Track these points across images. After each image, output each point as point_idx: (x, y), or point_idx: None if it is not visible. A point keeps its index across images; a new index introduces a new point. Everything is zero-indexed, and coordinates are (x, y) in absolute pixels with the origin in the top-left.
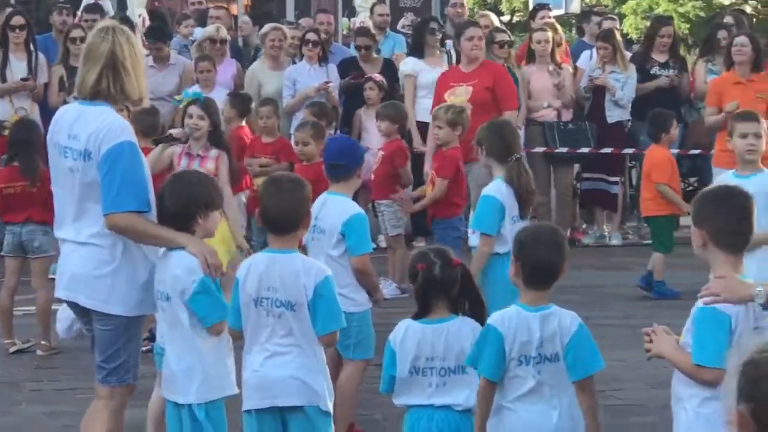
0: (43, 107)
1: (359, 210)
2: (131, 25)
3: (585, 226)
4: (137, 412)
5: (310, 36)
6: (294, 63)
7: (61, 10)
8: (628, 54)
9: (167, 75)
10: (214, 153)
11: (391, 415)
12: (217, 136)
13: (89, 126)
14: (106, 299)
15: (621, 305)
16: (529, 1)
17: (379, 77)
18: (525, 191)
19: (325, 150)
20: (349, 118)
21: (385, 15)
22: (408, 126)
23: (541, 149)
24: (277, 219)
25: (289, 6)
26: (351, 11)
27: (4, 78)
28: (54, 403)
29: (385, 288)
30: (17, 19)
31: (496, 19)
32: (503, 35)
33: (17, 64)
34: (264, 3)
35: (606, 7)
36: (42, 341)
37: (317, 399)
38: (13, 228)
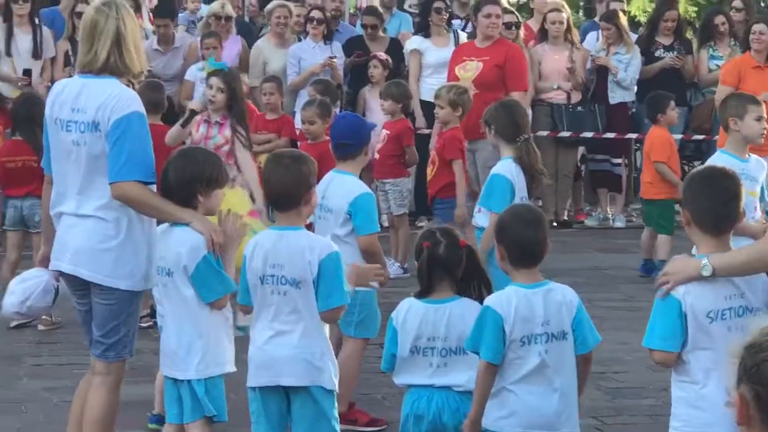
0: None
1: (366, 189)
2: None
3: (589, 207)
4: (138, 388)
5: (315, 14)
6: (299, 41)
7: None
8: (634, 36)
9: (171, 58)
10: (230, 121)
11: (391, 394)
12: (236, 108)
13: (97, 98)
14: (111, 273)
15: (623, 287)
16: None
17: (383, 56)
18: (534, 171)
19: (332, 128)
20: (354, 97)
21: None
22: (412, 105)
23: (544, 133)
24: (279, 195)
25: None
26: None
27: (8, 52)
28: (54, 378)
29: (390, 267)
30: None
31: (503, 0)
32: (511, 16)
33: (22, 37)
34: None
35: None
36: (43, 316)
37: (321, 378)
38: (15, 202)
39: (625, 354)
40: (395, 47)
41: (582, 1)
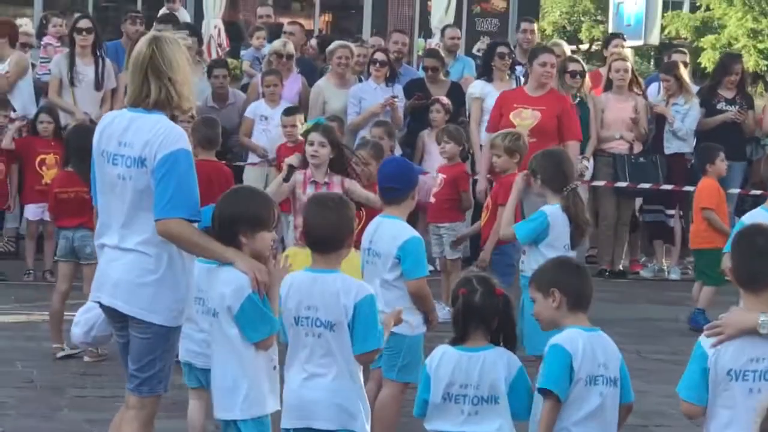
0: None
1: (415, 233)
2: (196, 34)
3: (644, 259)
4: (170, 423)
5: (378, 56)
6: (360, 81)
7: (135, 19)
8: (695, 87)
9: (227, 114)
10: (337, 179)
11: None
12: (338, 162)
13: (145, 133)
14: (148, 307)
15: (673, 340)
16: (609, 31)
17: (445, 100)
18: (579, 221)
19: (380, 172)
20: (412, 140)
21: (456, 38)
22: (471, 149)
23: (601, 182)
24: (321, 238)
25: (366, 23)
26: (427, 32)
27: (73, 82)
28: (96, 410)
29: (438, 311)
30: (84, 23)
31: (568, 48)
32: (576, 65)
33: (84, 68)
34: (343, 19)
35: (685, 39)
36: (102, 345)
37: (353, 423)
38: (67, 233)
39: (668, 408)
40: (456, 91)
41: (652, 52)
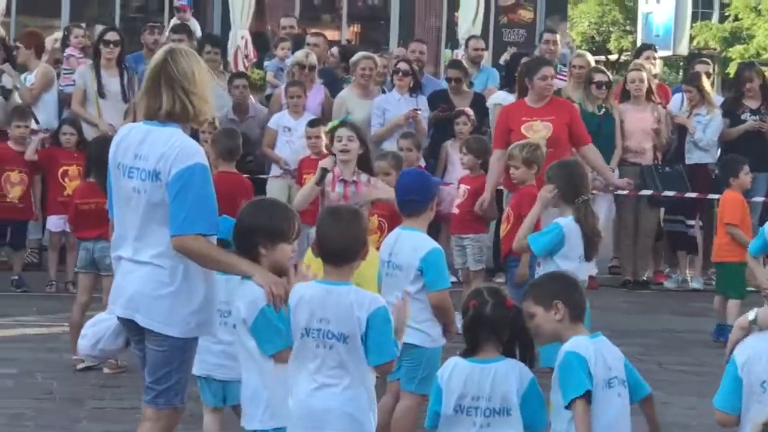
0: None
1: (436, 245)
2: (218, 45)
3: (668, 269)
4: None
5: (401, 66)
6: (383, 92)
7: (153, 30)
8: (719, 98)
9: (247, 126)
10: (365, 178)
11: None
12: (365, 160)
13: (159, 147)
14: (164, 320)
15: (696, 352)
16: (638, 41)
17: (470, 112)
18: (592, 233)
19: (398, 184)
20: (435, 150)
21: (480, 49)
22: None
23: (624, 192)
24: (335, 250)
25: (393, 34)
26: (454, 43)
27: (101, 93)
28: (115, 422)
29: (458, 322)
30: (112, 35)
31: (592, 59)
32: (602, 75)
33: (110, 80)
34: (371, 30)
35: (714, 50)
36: (110, 359)
37: None
38: (87, 244)
39: (691, 419)
40: (479, 102)
41: (681, 62)
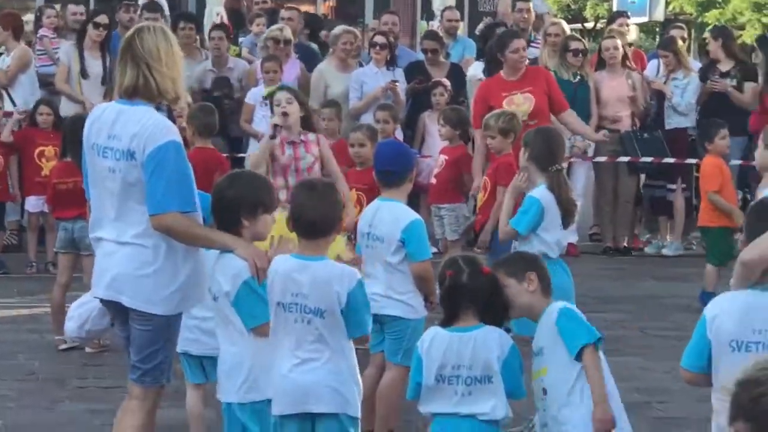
0: None
1: (416, 215)
2: (193, 20)
3: (649, 235)
4: (172, 412)
5: (378, 39)
6: (360, 66)
7: (128, 8)
8: (696, 64)
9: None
10: (312, 137)
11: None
12: (308, 121)
13: (132, 126)
14: (148, 299)
15: (676, 316)
16: (613, 9)
17: (447, 83)
18: (567, 202)
19: (376, 156)
20: (412, 122)
21: (454, 20)
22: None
23: (603, 158)
24: (311, 223)
25: (368, 7)
26: (429, 14)
27: (85, 75)
28: (97, 401)
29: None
30: (103, 18)
31: (567, 27)
32: (578, 43)
33: (92, 62)
34: (347, 4)
35: (690, 15)
36: (97, 339)
37: (348, 406)
38: (66, 224)
39: (671, 383)
40: (456, 73)
41: (657, 28)
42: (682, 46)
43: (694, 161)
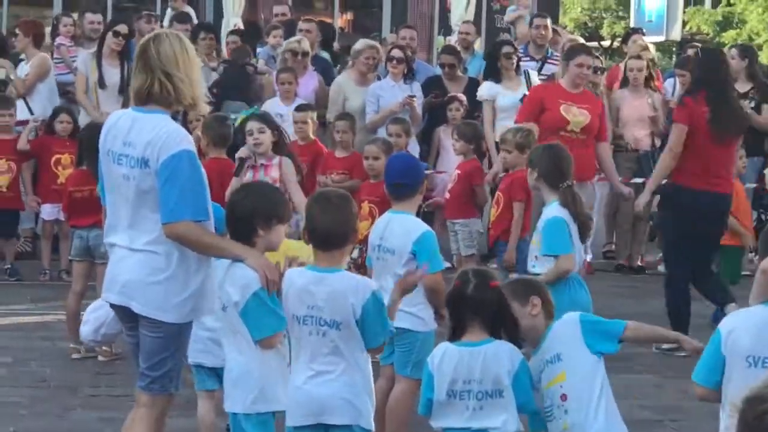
0: None
1: (427, 228)
2: (212, 30)
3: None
4: (182, 422)
5: (395, 53)
6: (379, 79)
7: (150, 18)
8: None
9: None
10: (276, 160)
11: None
12: (279, 145)
13: (146, 134)
14: (160, 306)
15: (691, 335)
16: (631, 26)
17: (462, 97)
18: (582, 216)
19: (387, 169)
20: (429, 137)
21: (469, 33)
22: (485, 148)
23: (619, 178)
24: (326, 235)
25: (385, 21)
26: (446, 30)
27: (102, 84)
28: (109, 409)
29: None
30: (123, 27)
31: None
32: (596, 60)
33: (110, 70)
34: (364, 17)
35: (706, 35)
36: (104, 347)
37: (361, 419)
38: (81, 232)
39: (684, 402)
40: (473, 87)
41: (674, 47)
42: None
43: None
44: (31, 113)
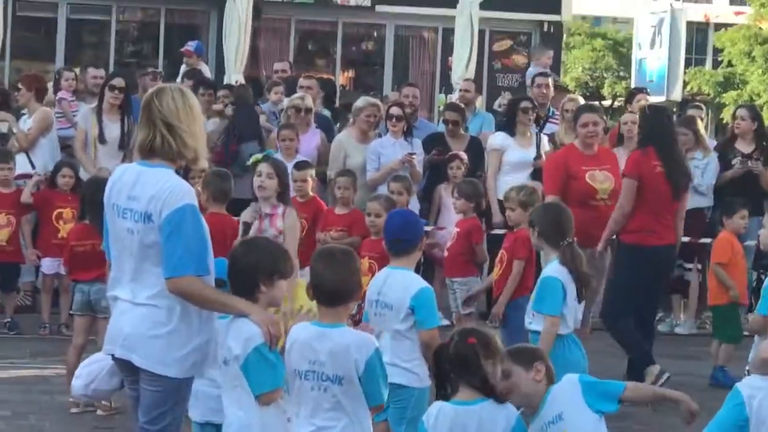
0: None
1: (425, 284)
2: (211, 87)
3: (662, 314)
4: None
5: (394, 111)
6: (379, 137)
7: (155, 75)
8: (712, 142)
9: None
10: (281, 210)
11: None
12: (285, 196)
13: (150, 188)
14: (160, 360)
15: (690, 395)
16: (632, 86)
17: (464, 155)
18: (581, 274)
19: (387, 225)
20: (430, 194)
21: (467, 91)
22: (486, 203)
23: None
24: (331, 291)
25: (387, 79)
26: (448, 88)
27: (102, 140)
28: None
29: None
30: (118, 81)
31: (582, 101)
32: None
33: (110, 125)
34: (366, 75)
35: (707, 96)
36: (103, 401)
37: None
38: (83, 287)
39: None
40: (475, 146)
41: (675, 108)
42: (701, 125)
43: (708, 240)
44: (33, 167)
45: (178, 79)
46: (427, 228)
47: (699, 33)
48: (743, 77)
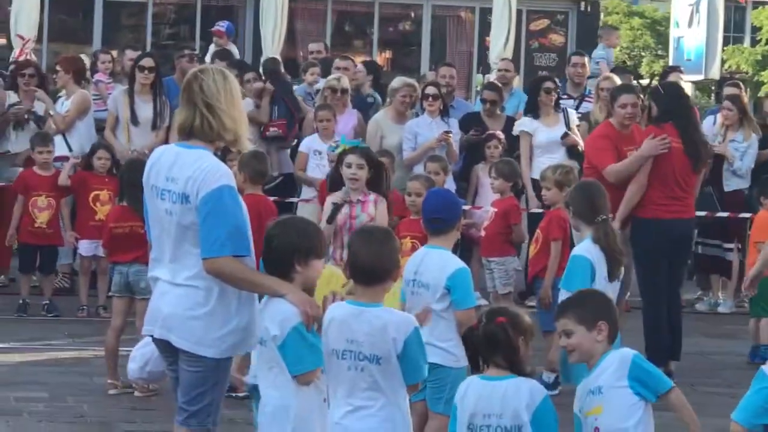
0: None
1: (462, 264)
2: (247, 70)
3: (700, 292)
4: None
5: (430, 90)
6: (416, 116)
7: (192, 57)
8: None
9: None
10: (372, 197)
11: None
12: (376, 182)
13: (187, 169)
14: (199, 341)
15: (728, 374)
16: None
17: (501, 135)
18: (613, 252)
19: (425, 204)
20: (467, 174)
21: (505, 71)
22: (522, 184)
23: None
24: (368, 270)
25: (424, 60)
26: (485, 68)
27: (135, 121)
28: None
29: None
30: (147, 61)
31: (618, 81)
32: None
33: (143, 106)
34: (403, 56)
35: (746, 73)
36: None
37: None
38: (121, 268)
39: None
40: (511, 126)
41: (713, 86)
42: (747, 105)
43: (748, 215)
44: (70, 149)
45: (207, 58)
46: (465, 207)
47: (737, 11)
48: None
